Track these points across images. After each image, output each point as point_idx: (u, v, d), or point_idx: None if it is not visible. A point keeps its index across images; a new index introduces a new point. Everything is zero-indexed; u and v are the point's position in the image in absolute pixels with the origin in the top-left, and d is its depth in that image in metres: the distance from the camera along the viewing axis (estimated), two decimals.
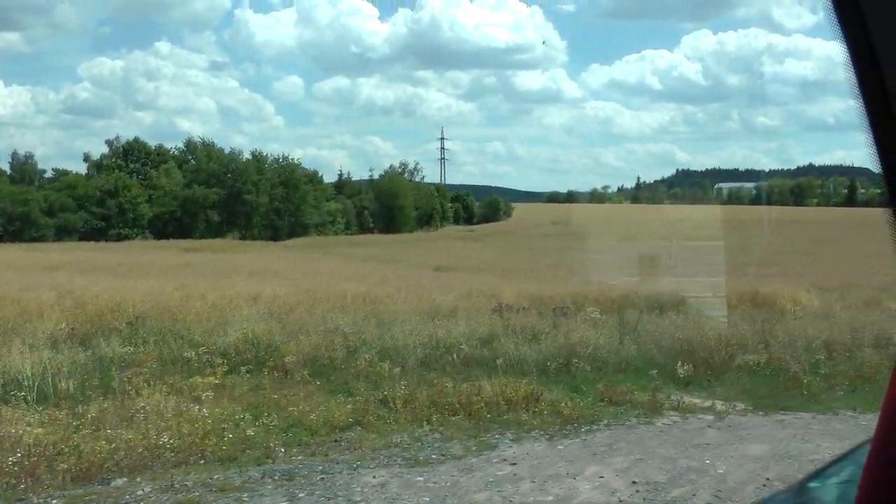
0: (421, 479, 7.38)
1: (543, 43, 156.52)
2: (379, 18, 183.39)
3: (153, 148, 74.37)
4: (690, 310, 20.59)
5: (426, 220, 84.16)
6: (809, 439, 8.52)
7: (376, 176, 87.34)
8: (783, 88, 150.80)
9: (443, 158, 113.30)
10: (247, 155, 72.49)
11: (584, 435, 8.78)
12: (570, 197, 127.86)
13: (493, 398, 9.79)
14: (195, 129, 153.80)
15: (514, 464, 7.70)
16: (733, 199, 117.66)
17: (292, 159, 73.46)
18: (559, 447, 8.29)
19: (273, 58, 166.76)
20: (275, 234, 68.54)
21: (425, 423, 9.31)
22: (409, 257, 49.90)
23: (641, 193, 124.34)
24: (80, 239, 58.93)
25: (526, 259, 50.15)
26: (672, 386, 11.54)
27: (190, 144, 75.29)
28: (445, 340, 13.17)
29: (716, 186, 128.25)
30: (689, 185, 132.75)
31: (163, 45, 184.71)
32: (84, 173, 71.14)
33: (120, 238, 59.97)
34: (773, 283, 30.62)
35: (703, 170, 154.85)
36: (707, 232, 70.31)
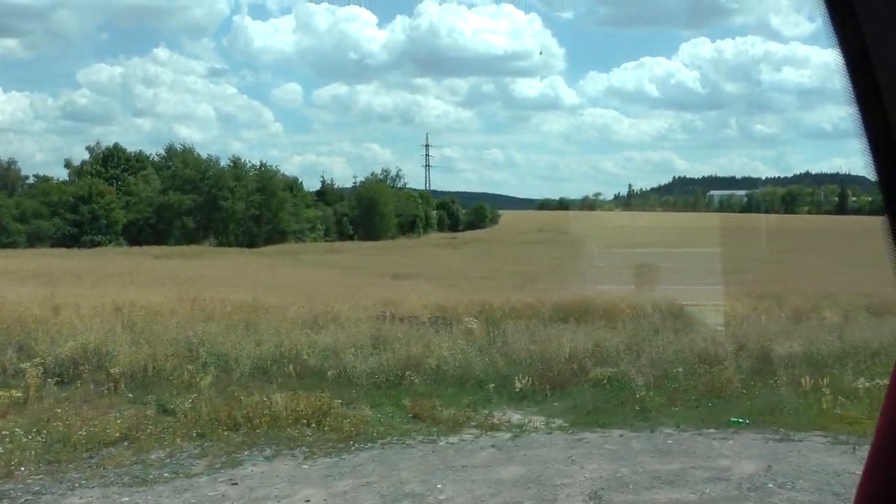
0: (127, 499, 6.90)
1: (540, 53, 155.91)
2: (377, 25, 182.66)
3: (132, 154, 74.09)
4: (623, 317, 20.08)
5: (409, 227, 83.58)
6: (582, 461, 7.99)
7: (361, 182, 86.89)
8: (781, 96, 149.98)
9: (427, 166, 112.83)
10: (225, 161, 72.22)
11: (348, 454, 8.27)
12: (562, 204, 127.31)
13: (281, 412, 9.30)
14: (194, 135, 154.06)
15: (235, 483, 7.22)
16: (724, 206, 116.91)
17: (270, 166, 73.10)
18: (304, 467, 7.79)
19: (272, 64, 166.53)
20: (252, 241, 68.05)
21: (200, 437, 8.84)
22: (375, 265, 49.45)
23: (633, 201, 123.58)
24: (53, 245, 58.50)
25: (496, 267, 49.68)
26: (505, 400, 11.06)
27: (171, 150, 75.01)
28: (289, 351, 12.69)
29: (708, 194, 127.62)
30: (680, 193, 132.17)
31: (161, 52, 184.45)
32: (66, 180, 71.04)
33: (93, 245, 59.55)
34: (713, 291, 30.07)
35: (700, 177, 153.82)
36: (687, 239, 70.02)
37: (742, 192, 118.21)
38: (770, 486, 7.19)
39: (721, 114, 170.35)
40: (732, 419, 9.88)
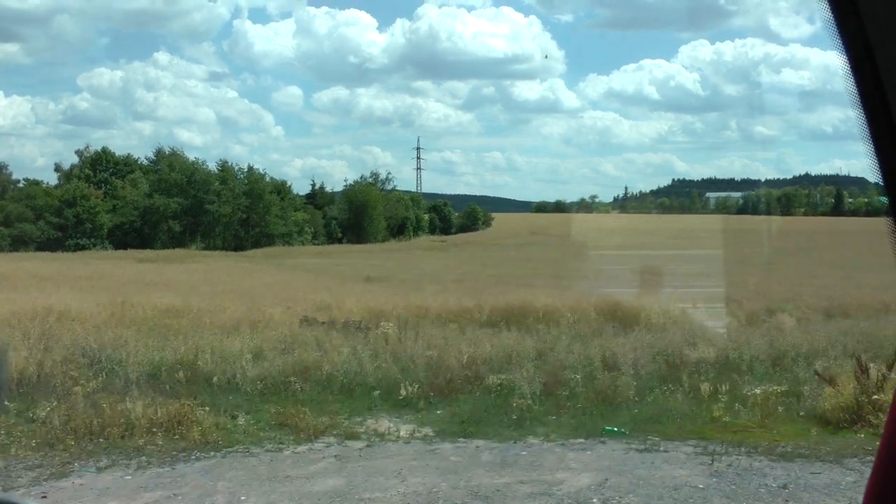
0: None
1: (546, 57, 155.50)
2: (377, 29, 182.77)
3: (121, 158, 74.14)
4: (565, 321, 19.81)
5: (399, 230, 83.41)
6: (410, 475, 7.76)
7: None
8: (781, 98, 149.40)
9: (419, 169, 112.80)
10: (212, 165, 72.21)
11: (184, 464, 8.06)
12: (558, 207, 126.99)
13: (137, 420, 9.10)
14: (195, 139, 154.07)
15: (45, 497, 7.04)
16: (720, 208, 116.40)
17: (258, 170, 72.98)
18: (128, 478, 7.62)
19: (272, 68, 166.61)
20: (239, 245, 67.95)
21: (48, 447, 8.65)
22: (352, 268, 49.05)
23: (629, 203, 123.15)
24: (38, 249, 58.47)
25: (475, 270, 49.36)
26: (388, 408, 10.84)
27: (160, 154, 75.02)
28: (185, 357, 12.50)
29: (705, 196, 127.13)
30: (679, 195, 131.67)
31: (162, 56, 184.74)
32: (56, 184, 71.11)
33: (77, 248, 59.51)
34: (684, 293, 29.79)
35: (700, 179, 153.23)
36: (677, 241, 69.74)
37: (738, 194, 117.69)
38: (594, 500, 6.95)
39: (721, 116, 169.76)
40: (607, 428, 9.65)
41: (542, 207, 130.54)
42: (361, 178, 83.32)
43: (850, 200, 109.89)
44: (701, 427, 9.75)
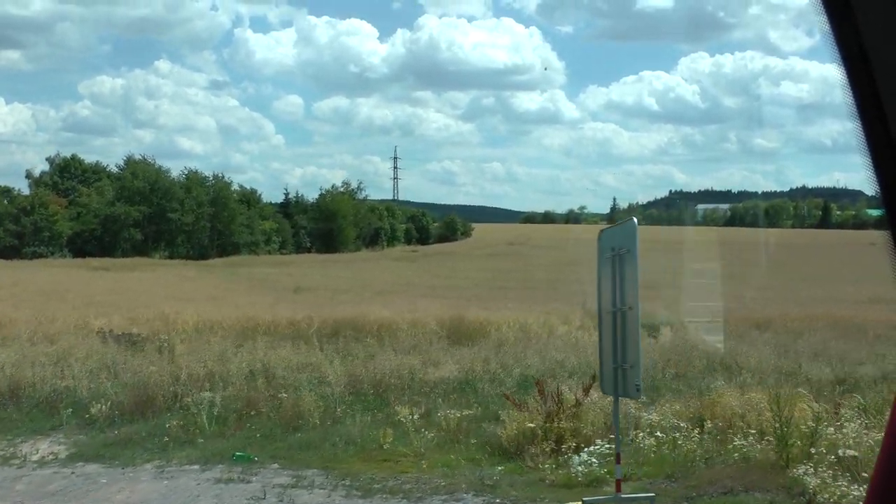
0: None
1: (546, 69, 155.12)
2: (378, 39, 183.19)
3: (90, 165, 74.14)
4: (402, 334, 19.29)
5: (373, 239, 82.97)
6: None
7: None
8: (780, 110, 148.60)
9: (395, 178, 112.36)
10: (177, 173, 72.06)
11: None
12: (547, 217, 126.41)
13: None
14: (195, 147, 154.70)
15: None
16: (708, 220, 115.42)
17: (223, 178, 72.66)
18: None
19: (273, 77, 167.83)
20: (204, 253, 67.64)
21: None
22: (291, 278, 48.38)
23: (619, 214, 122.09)
24: None
25: (422, 281, 48.82)
26: (68, 427, 10.32)
27: (130, 162, 74.77)
28: None
29: (696, 207, 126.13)
30: (676, 207, 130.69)
31: (163, 64, 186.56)
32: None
33: (34, 256, 59.34)
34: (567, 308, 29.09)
35: (696, 191, 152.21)
36: (649, 253, 68.59)
37: (725, 206, 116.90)
38: None
39: (721, 128, 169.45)
40: (238, 454, 9.06)
41: (530, 218, 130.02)
42: (333, 187, 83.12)
43: (838, 213, 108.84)
44: (353, 455, 9.14)
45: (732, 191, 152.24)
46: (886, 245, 1.16)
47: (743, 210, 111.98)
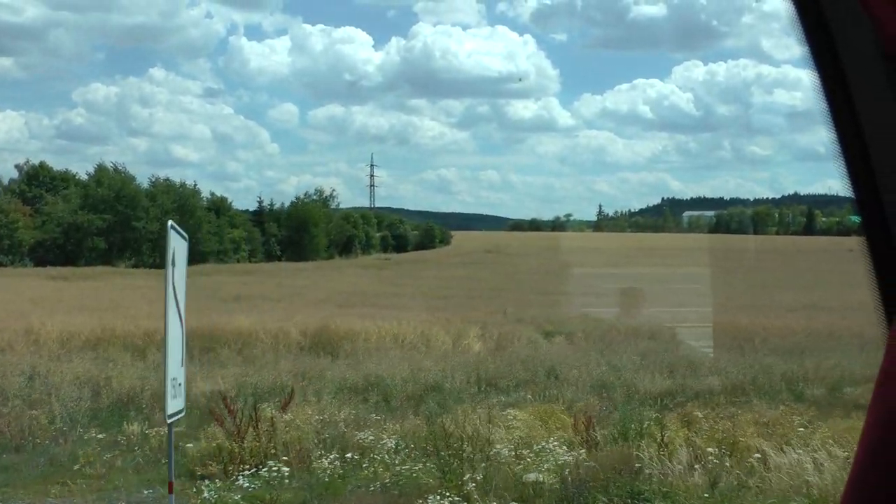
0: None
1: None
2: (373, 47, 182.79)
3: (58, 173, 73.80)
4: (263, 346, 18.84)
5: (346, 247, 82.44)
6: None
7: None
8: (773, 118, 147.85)
9: (372, 186, 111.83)
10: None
11: None
12: (533, 225, 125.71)
13: None
14: (190, 155, 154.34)
15: None
16: (693, 227, 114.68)
17: (190, 186, 72.29)
18: None
19: (267, 85, 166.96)
20: None
21: None
22: (248, 287, 47.91)
23: (604, 222, 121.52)
24: None
25: (376, 288, 48.32)
26: None
27: (100, 169, 74.36)
28: None
29: (683, 214, 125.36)
30: (661, 214, 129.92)
31: (157, 72, 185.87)
32: None
33: None
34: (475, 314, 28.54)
35: (689, 199, 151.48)
36: (621, 259, 68.33)
37: (710, 213, 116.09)
38: None
39: (715, 136, 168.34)
40: None
41: (518, 225, 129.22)
42: (305, 195, 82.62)
43: (824, 220, 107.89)
44: (38, 478, 8.53)
45: (724, 198, 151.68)
46: (863, 250, 1.18)
47: (728, 217, 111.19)
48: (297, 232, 76.52)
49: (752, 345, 19.49)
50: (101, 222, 65.27)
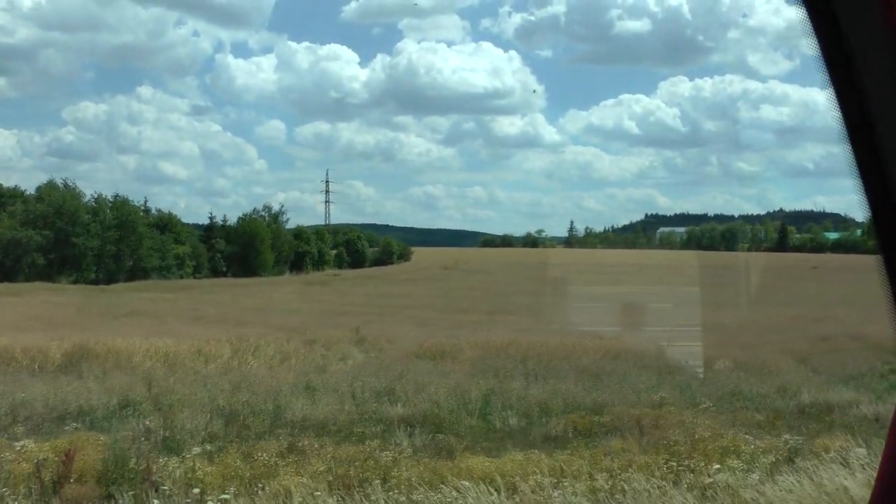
0: None
1: (534, 91, 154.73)
2: (358, 64, 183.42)
3: (7, 189, 74.06)
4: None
5: (296, 264, 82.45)
6: None
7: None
8: (761, 134, 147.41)
9: (327, 202, 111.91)
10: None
11: None
12: (505, 241, 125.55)
13: None
14: (179, 172, 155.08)
15: None
16: (664, 243, 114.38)
17: (131, 201, 72.61)
18: None
19: (254, 102, 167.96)
20: (112, 278, 67.24)
21: None
22: (165, 305, 47.86)
23: (575, 238, 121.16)
24: None
25: (297, 307, 48.21)
26: None
27: (51, 185, 74.52)
28: None
29: (658, 231, 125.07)
30: (635, 231, 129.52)
31: (145, 90, 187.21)
32: None
33: None
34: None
35: (672, 215, 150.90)
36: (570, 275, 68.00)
37: (682, 230, 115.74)
38: None
39: (702, 151, 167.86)
40: None
41: (489, 242, 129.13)
42: (254, 211, 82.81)
43: (797, 236, 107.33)
44: None
45: (708, 214, 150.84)
46: (878, 268, 1.16)
47: (700, 233, 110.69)
48: (244, 248, 76.59)
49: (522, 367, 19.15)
50: (41, 238, 65.39)
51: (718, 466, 10.07)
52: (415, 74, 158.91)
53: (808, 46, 1.10)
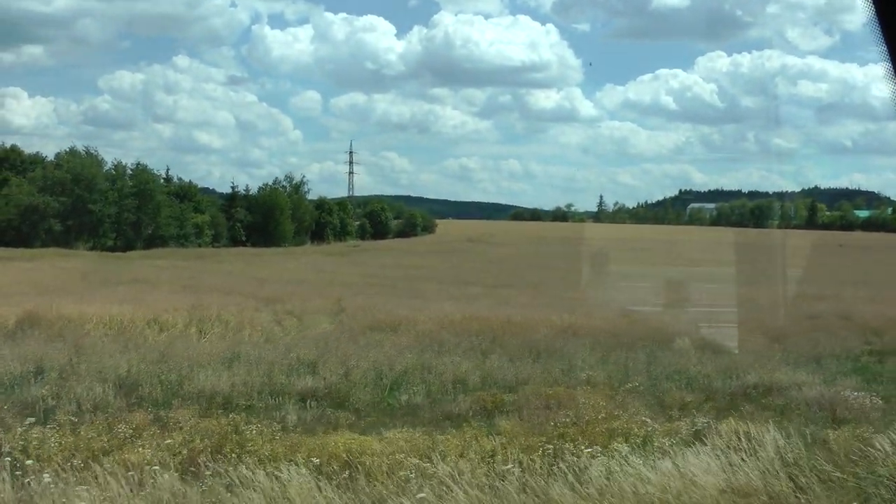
0: None
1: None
2: (395, 36, 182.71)
3: (29, 156, 74.75)
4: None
5: (318, 234, 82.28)
6: None
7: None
8: (799, 110, 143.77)
9: (351, 173, 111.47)
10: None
11: None
12: (535, 215, 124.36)
13: None
14: (214, 142, 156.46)
15: None
16: (693, 219, 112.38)
17: (151, 169, 72.82)
18: None
19: (290, 73, 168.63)
20: (129, 245, 67.60)
21: None
22: (172, 272, 47.74)
23: (604, 213, 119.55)
24: None
25: (305, 275, 47.87)
26: None
27: (72, 152, 75.02)
28: None
29: (689, 207, 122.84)
30: (670, 206, 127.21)
31: (181, 59, 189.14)
32: None
33: None
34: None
35: (706, 191, 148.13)
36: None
37: (712, 206, 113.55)
38: None
39: (739, 127, 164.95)
40: None
41: (518, 215, 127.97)
42: (276, 181, 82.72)
43: (827, 214, 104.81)
44: None
45: (742, 191, 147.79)
46: None
47: (729, 210, 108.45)
48: (264, 217, 76.52)
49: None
50: (59, 205, 65.83)
51: (599, 449, 9.26)
52: (451, 47, 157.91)
53: (857, 20, 0.77)
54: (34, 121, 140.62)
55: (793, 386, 13.75)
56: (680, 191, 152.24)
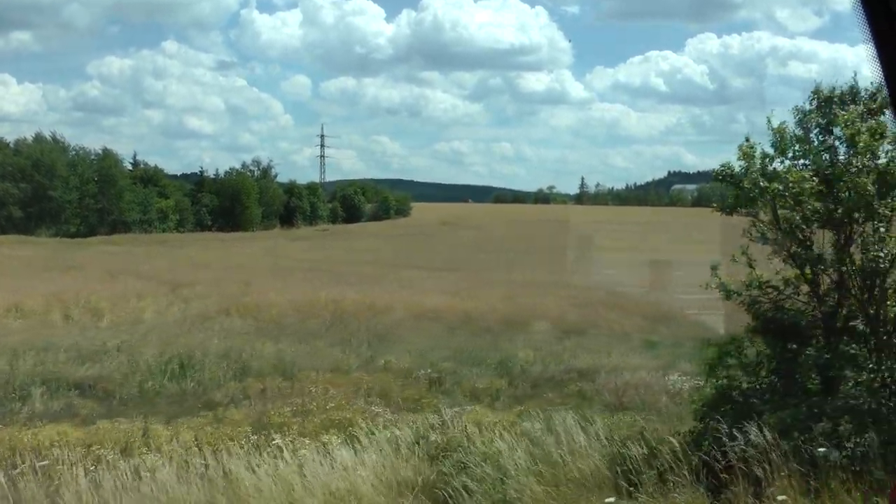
0: None
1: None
2: (384, 19, 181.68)
3: None
4: None
5: (286, 219, 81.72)
6: None
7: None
8: (789, 91, 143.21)
9: (322, 156, 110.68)
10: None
11: None
12: (517, 197, 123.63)
13: None
14: (204, 127, 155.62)
15: None
16: (675, 201, 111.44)
17: (114, 154, 72.27)
18: None
19: (279, 58, 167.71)
20: (92, 231, 67.19)
21: None
22: (119, 259, 47.43)
23: (585, 195, 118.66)
24: None
25: (254, 261, 47.64)
26: None
27: (39, 138, 74.49)
28: None
29: (672, 188, 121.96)
30: (641, 189, 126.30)
31: (170, 45, 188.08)
32: None
33: None
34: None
35: (695, 172, 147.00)
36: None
37: (693, 187, 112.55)
38: None
39: (729, 109, 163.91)
40: None
41: (500, 198, 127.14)
42: (243, 166, 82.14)
43: None
44: None
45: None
46: None
47: (710, 190, 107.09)
48: (231, 202, 75.97)
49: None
50: (18, 192, 65.39)
51: (307, 441, 8.82)
52: (441, 30, 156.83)
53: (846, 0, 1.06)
54: (23, 107, 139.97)
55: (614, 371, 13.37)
56: (669, 172, 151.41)
